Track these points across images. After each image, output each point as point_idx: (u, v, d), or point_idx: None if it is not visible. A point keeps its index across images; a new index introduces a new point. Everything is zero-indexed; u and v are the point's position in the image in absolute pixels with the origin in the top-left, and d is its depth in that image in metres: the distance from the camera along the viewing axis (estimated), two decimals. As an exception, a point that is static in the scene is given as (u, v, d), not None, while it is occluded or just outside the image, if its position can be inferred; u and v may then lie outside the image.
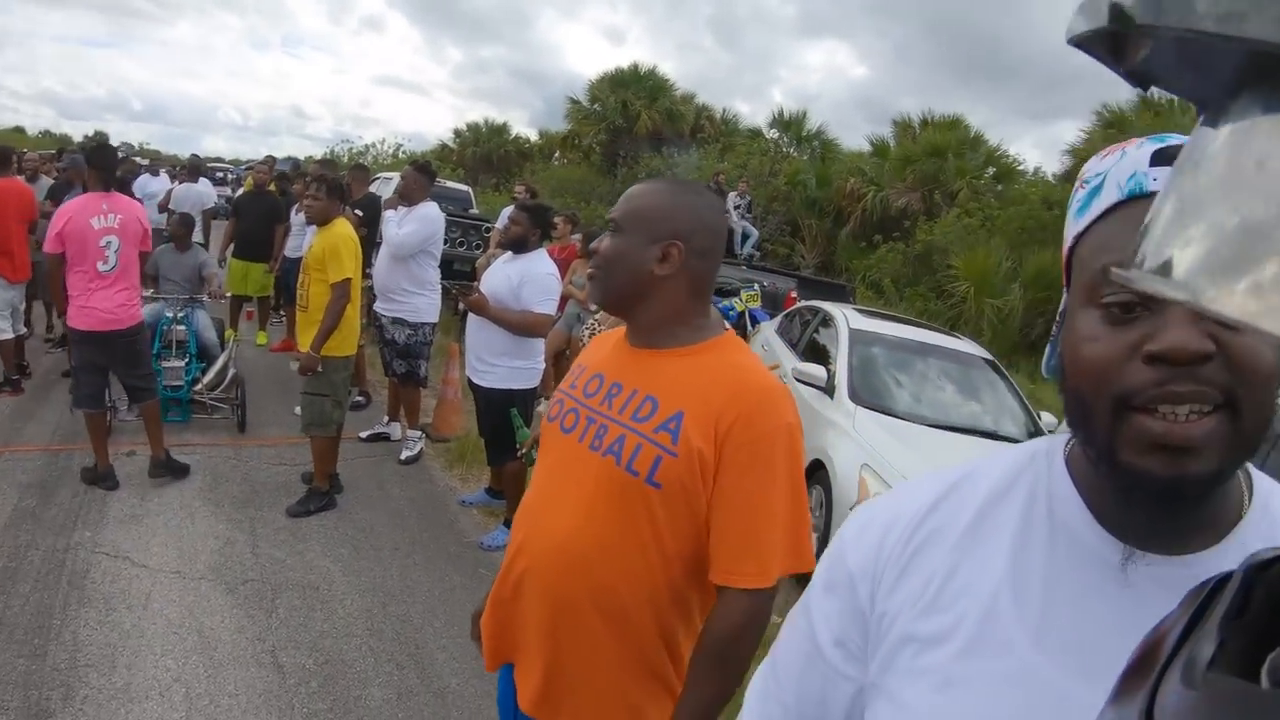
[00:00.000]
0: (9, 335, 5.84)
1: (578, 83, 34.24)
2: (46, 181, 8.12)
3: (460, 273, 8.43)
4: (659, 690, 1.41)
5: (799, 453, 1.35)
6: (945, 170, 15.15)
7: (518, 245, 4.15)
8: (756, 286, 9.69)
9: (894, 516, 0.76)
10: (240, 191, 10.75)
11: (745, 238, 14.02)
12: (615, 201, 1.54)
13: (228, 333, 6.33)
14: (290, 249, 7.23)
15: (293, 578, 3.69)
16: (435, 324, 5.36)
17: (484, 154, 26.66)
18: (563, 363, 6.27)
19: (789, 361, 5.80)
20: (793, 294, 9.61)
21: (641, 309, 1.43)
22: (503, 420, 3.84)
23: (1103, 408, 0.60)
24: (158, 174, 10.87)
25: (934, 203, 15.04)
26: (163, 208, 8.84)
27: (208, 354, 5.68)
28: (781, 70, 69.16)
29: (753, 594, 1.31)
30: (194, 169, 10.42)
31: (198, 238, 6.90)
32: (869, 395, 4.96)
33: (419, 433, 5.44)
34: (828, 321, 6.02)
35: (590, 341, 1.73)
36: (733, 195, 14.10)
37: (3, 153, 5.93)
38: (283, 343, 7.71)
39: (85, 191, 4.54)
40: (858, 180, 16.24)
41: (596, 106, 23.17)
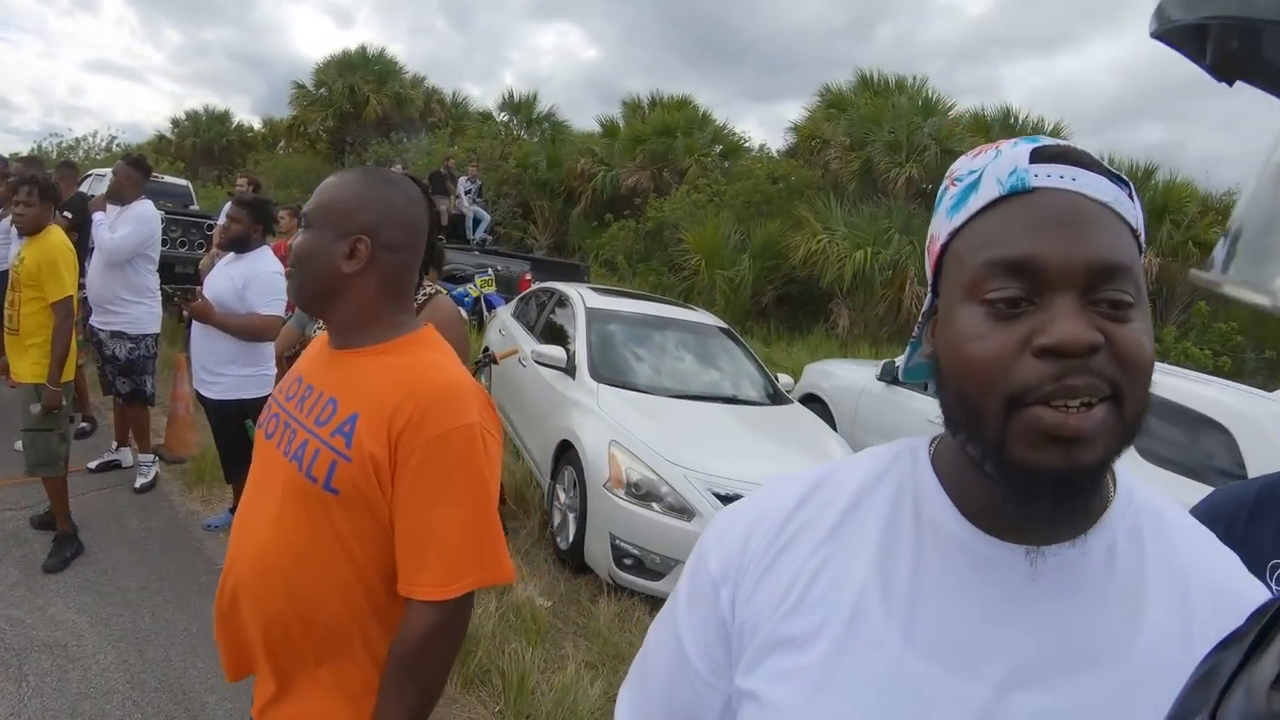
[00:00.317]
0: None
1: (304, 66, 32.21)
2: None
3: (184, 275, 7.85)
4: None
5: (480, 456, 1.25)
6: (674, 149, 15.89)
7: (239, 244, 3.99)
8: (490, 271, 9.60)
9: (757, 518, 0.75)
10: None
11: (477, 222, 13.82)
12: None
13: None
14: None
15: (37, 638, 3.24)
16: (158, 335, 4.93)
17: (205, 145, 25.45)
18: (296, 364, 5.82)
19: (528, 344, 5.74)
20: (527, 276, 9.63)
21: (334, 308, 1.35)
22: (238, 433, 3.67)
23: (993, 405, 0.60)
24: None
25: (664, 180, 15.76)
26: None
27: None
28: (513, 53, 68.86)
29: (436, 606, 1.22)
30: None
31: None
32: (610, 372, 5.04)
33: (152, 456, 5.01)
34: (564, 302, 6.04)
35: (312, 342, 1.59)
36: (463, 180, 13.86)
37: None
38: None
39: None
40: (588, 161, 16.61)
41: (323, 91, 22.25)
